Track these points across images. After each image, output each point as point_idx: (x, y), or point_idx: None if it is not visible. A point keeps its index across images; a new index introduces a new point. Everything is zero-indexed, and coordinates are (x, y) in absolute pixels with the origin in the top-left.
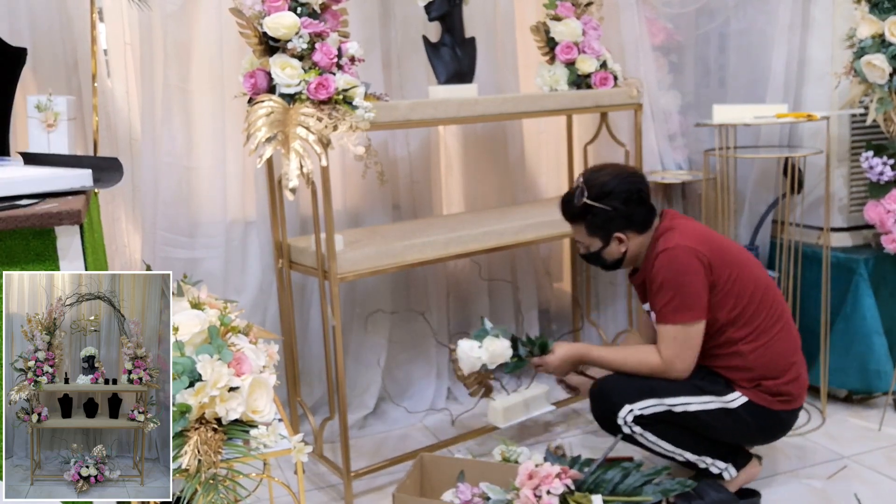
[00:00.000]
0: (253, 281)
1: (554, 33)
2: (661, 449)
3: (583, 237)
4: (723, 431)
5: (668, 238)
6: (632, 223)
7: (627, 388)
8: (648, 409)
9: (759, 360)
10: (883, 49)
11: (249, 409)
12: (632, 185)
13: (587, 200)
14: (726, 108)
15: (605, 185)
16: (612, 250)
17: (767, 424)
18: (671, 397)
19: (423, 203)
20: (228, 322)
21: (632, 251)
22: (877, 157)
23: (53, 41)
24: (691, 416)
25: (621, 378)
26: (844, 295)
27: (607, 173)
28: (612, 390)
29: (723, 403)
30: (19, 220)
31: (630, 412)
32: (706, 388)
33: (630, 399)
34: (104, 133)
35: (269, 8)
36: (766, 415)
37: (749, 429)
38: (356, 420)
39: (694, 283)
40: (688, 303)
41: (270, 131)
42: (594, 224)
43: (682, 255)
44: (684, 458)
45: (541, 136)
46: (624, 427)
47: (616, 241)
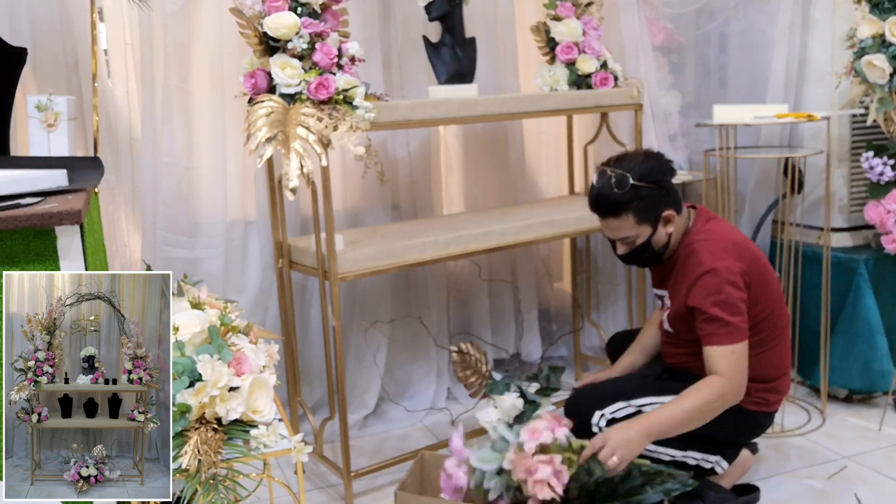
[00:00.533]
0: (253, 281)
1: (554, 33)
2: (645, 451)
3: (631, 228)
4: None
5: (709, 249)
6: (673, 200)
7: (598, 395)
8: (620, 412)
9: (752, 366)
10: (883, 49)
11: (249, 409)
12: (664, 160)
13: (634, 182)
14: (727, 109)
15: (642, 165)
16: (661, 235)
17: (741, 422)
18: (639, 398)
19: (424, 203)
20: (229, 322)
21: (675, 233)
22: (877, 157)
23: (54, 41)
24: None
25: (592, 386)
26: (845, 295)
27: (634, 155)
28: (583, 400)
29: None
30: (19, 220)
31: (602, 417)
32: (677, 386)
33: (600, 405)
34: (104, 133)
35: (269, 8)
36: (739, 413)
37: (724, 426)
38: (356, 420)
39: (740, 304)
40: (738, 325)
41: (271, 131)
42: (643, 208)
43: (730, 279)
44: (669, 457)
45: (541, 137)
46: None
47: (664, 221)
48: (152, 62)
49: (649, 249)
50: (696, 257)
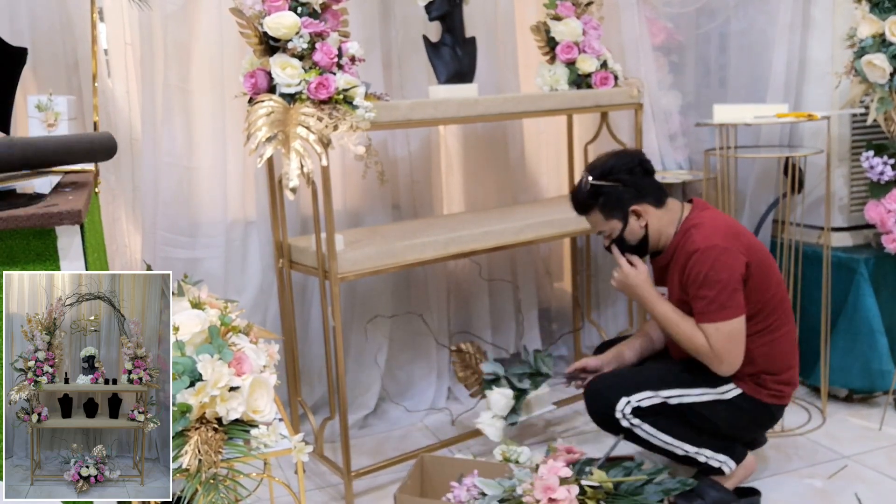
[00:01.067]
0: (253, 281)
1: (554, 33)
2: (660, 442)
3: (601, 224)
4: (718, 422)
5: (702, 232)
6: (643, 194)
7: (623, 383)
8: (645, 402)
9: (764, 356)
10: (883, 48)
11: (250, 409)
12: (631, 157)
13: (593, 181)
14: (727, 108)
15: (605, 164)
16: (633, 228)
17: (758, 415)
18: (666, 389)
19: (424, 203)
20: (229, 322)
21: (653, 226)
22: (877, 156)
23: (54, 41)
24: (686, 408)
25: (614, 374)
26: (845, 295)
27: (606, 155)
28: (608, 386)
29: (717, 395)
30: (20, 220)
31: (628, 404)
32: (699, 379)
33: (627, 392)
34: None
35: (269, 8)
36: (757, 406)
37: (742, 419)
38: (356, 420)
39: (733, 281)
40: (732, 300)
41: (271, 131)
42: (608, 205)
43: (722, 254)
44: (683, 451)
45: (541, 136)
46: (622, 420)
47: (634, 216)
48: (152, 62)
49: (626, 243)
50: (690, 240)
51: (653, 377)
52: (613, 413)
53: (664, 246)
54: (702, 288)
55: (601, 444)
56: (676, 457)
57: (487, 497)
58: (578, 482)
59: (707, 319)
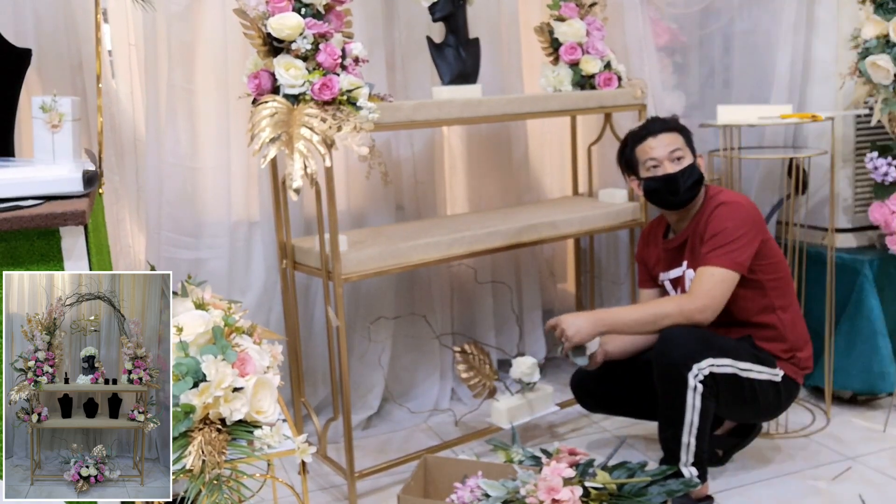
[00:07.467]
0: (257, 281)
1: (558, 34)
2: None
3: (681, 144)
4: (763, 404)
5: (726, 195)
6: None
7: (709, 344)
8: (721, 369)
9: (792, 331)
10: (888, 49)
11: (253, 410)
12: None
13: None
14: (731, 109)
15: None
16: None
17: (790, 397)
18: (742, 362)
19: (427, 203)
20: (232, 322)
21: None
22: (882, 157)
23: (58, 42)
24: (748, 384)
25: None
26: (849, 296)
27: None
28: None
29: (771, 376)
30: (24, 220)
31: (710, 366)
32: (761, 357)
33: (712, 353)
34: (108, 134)
35: (273, 9)
36: (794, 388)
37: (780, 403)
38: (360, 421)
39: (749, 236)
40: (740, 251)
41: (274, 132)
42: (688, 137)
43: (747, 208)
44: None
45: (545, 137)
46: (691, 379)
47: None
48: (156, 63)
49: (693, 174)
50: (715, 200)
51: (729, 345)
52: (688, 368)
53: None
54: (717, 235)
55: (603, 447)
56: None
57: (491, 498)
58: (582, 483)
59: (707, 262)
